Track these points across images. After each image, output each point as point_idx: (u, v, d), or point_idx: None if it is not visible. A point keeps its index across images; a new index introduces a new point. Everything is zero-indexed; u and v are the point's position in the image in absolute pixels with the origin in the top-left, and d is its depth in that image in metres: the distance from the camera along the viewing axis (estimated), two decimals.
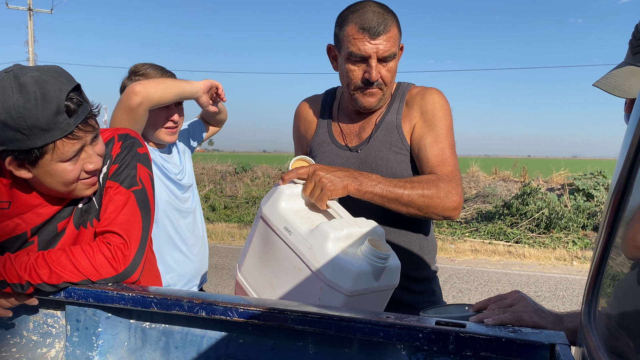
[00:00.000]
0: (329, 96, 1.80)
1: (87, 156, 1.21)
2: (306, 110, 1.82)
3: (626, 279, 0.68)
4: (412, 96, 1.63)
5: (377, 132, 1.62)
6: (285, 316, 1.02)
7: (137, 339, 1.21)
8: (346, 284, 1.14)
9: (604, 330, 0.72)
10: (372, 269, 1.17)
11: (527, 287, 6.21)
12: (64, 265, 1.17)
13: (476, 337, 0.91)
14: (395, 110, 1.63)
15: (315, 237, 1.20)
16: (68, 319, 1.24)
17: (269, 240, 1.30)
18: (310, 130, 1.77)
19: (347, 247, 1.21)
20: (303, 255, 1.21)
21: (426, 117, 1.57)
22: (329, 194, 1.31)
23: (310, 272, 1.19)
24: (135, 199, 1.28)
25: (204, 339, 1.15)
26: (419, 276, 1.62)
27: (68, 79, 1.15)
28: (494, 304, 1.05)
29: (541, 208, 9.28)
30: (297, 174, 1.35)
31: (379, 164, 1.57)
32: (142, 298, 1.14)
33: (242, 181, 12.66)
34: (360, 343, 1.02)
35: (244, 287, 1.39)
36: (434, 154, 1.52)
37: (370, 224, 1.29)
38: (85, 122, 1.16)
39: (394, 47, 1.50)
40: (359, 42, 1.47)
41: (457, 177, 1.49)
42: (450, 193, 1.43)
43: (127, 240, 1.22)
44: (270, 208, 1.31)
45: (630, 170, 0.71)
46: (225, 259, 7.47)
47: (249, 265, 1.38)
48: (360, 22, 1.47)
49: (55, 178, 1.18)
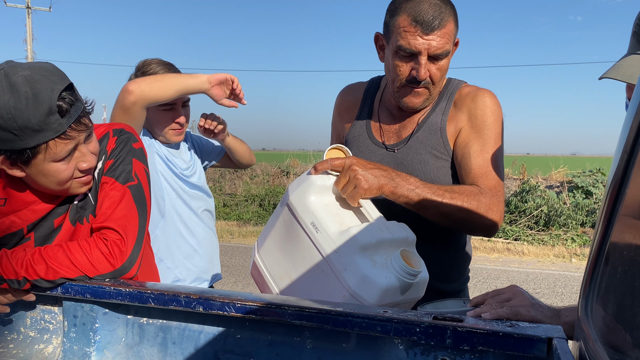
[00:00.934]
0: (373, 86, 1.67)
1: (80, 155, 1.20)
2: (347, 99, 1.70)
3: (623, 273, 0.68)
4: (461, 96, 1.49)
5: (419, 133, 1.50)
6: (282, 311, 1.02)
7: (134, 334, 1.21)
8: (371, 298, 1.09)
9: (601, 323, 0.72)
10: (400, 284, 1.11)
11: (525, 284, 6.21)
12: (60, 261, 1.16)
13: (473, 332, 0.91)
14: (442, 111, 1.50)
15: (343, 241, 1.14)
16: (65, 314, 1.24)
17: (293, 231, 1.24)
18: (348, 120, 1.66)
19: (377, 256, 1.14)
20: (329, 258, 1.15)
21: (475, 122, 1.44)
22: (362, 192, 1.22)
23: (335, 277, 1.14)
24: (131, 194, 1.28)
25: (201, 335, 1.15)
26: (446, 289, 1.51)
27: (60, 77, 1.13)
28: (492, 299, 1.05)
29: (540, 205, 9.28)
30: (331, 165, 1.26)
31: (415, 167, 1.46)
32: (140, 293, 1.13)
33: (242, 179, 12.66)
34: (358, 338, 1.02)
35: (260, 270, 1.34)
36: (478, 164, 1.40)
37: (403, 230, 1.23)
38: (78, 122, 1.14)
39: (448, 44, 1.38)
40: (410, 36, 1.34)
41: (501, 193, 1.38)
42: (490, 210, 1.33)
43: (123, 236, 1.22)
44: (298, 198, 1.23)
45: (627, 164, 0.70)
46: (225, 257, 7.46)
47: (268, 248, 1.33)
48: (413, 14, 1.34)
49: (48, 177, 1.17)
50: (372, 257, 1.13)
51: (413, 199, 1.28)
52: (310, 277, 1.20)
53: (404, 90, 1.44)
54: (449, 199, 1.29)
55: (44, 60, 1.23)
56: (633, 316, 0.62)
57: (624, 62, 1.23)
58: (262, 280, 1.34)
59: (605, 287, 0.72)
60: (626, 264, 0.66)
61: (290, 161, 13.09)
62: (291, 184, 1.29)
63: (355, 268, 1.11)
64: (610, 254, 0.73)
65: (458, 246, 1.55)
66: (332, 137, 1.76)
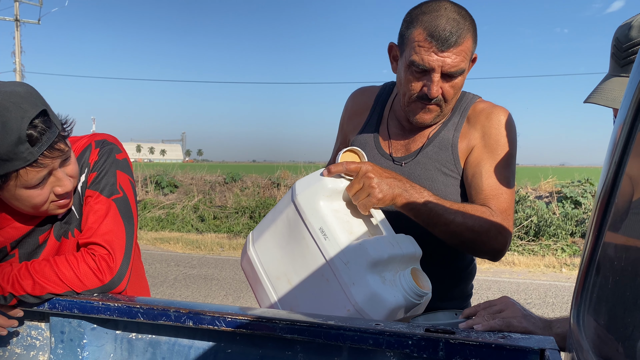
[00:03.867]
0: (385, 92, 1.60)
1: (56, 180, 1.16)
2: (358, 102, 1.64)
3: (614, 283, 0.68)
4: (475, 113, 1.44)
5: (428, 148, 1.44)
6: (273, 325, 1.01)
7: (123, 350, 1.19)
8: (377, 316, 1.08)
9: (593, 334, 0.72)
10: (406, 303, 1.09)
11: (516, 294, 6.22)
12: (47, 276, 1.15)
13: (466, 344, 0.90)
14: (454, 126, 1.44)
15: (354, 254, 1.11)
16: (52, 330, 1.22)
17: (298, 233, 1.19)
18: (356, 125, 1.60)
19: (386, 272, 1.12)
20: (336, 268, 1.12)
21: (488, 141, 1.39)
22: (375, 202, 1.18)
23: (340, 289, 1.11)
24: (116, 208, 1.25)
25: (191, 349, 1.13)
26: (448, 306, 1.44)
27: (32, 104, 1.07)
28: (484, 310, 1.05)
29: (530, 216, 9.33)
30: (346, 169, 1.20)
31: (423, 184, 1.39)
32: (128, 308, 1.12)
33: (232, 191, 12.61)
34: (350, 351, 1.01)
35: (253, 264, 1.29)
36: (489, 185, 1.35)
37: (411, 244, 1.21)
38: (51, 148, 1.10)
39: (464, 62, 1.31)
40: (424, 51, 1.29)
41: (511, 216, 1.34)
42: (500, 234, 1.29)
43: (111, 251, 1.20)
44: (307, 199, 1.18)
45: (616, 174, 0.71)
46: (215, 270, 7.41)
47: (266, 244, 1.28)
48: (430, 28, 1.28)
49: (22, 202, 1.14)
50: (382, 274, 1.11)
51: (424, 214, 1.24)
52: (312, 284, 1.17)
53: (415, 106, 1.39)
54: (461, 218, 1.25)
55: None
56: (624, 327, 0.62)
57: (605, 86, 1.24)
58: (255, 275, 1.29)
59: (597, 298, 0.72)
60: (617, 274, 0.66)
61: (281, 173, 13.07)
62: (300, 181, 1.24)
63: (364, 284, 1.08)
64: (601, 264, 0.73)
65: (462, 265, 1.51)
66: (338, 137, 1.71)
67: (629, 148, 0.70)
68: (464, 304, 1.52)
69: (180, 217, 11.58)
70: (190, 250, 9.02)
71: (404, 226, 1.28)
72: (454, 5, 1.33)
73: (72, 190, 1.22)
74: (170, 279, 6.82)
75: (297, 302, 1.21)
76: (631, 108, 0.69)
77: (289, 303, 1.22)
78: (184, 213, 11.70)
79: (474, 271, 1.56)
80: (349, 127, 1.64)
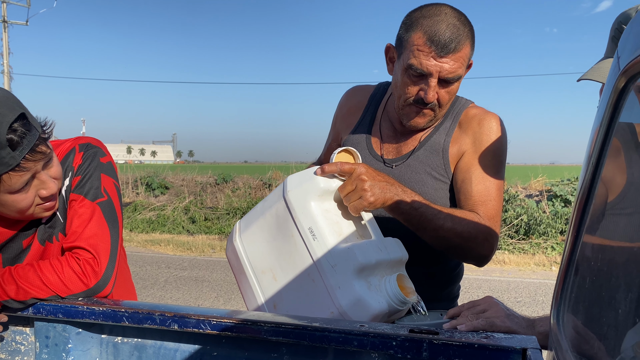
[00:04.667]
0: (379, 92, 1.60)
1: (40, 183, 1.15)
2: (352, 100, 1.63)
3: (591, 283, 0.69)
4: (467, 118, 1.45)
5: (420, 151, 1.45)
6: (258, 327, 1.01)
7: (108, 354, 1.18)
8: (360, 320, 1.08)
9: (572, 333, 0.73)
10: (390, 309, 1.10)
11: (507, 292, 6.26)
12: (31, 281, 1.14)
13: (449, 344, 0.91)
14: (445, 131, 1.45)
15: (342, 257, 1.10)
16: (37, 335, 1.21)
17: (286, 230, 1.19)
18: (349, 124, 1.60)
19: (372, 277, 1.12)
20: (323, 270, 1.12)
21: (479, 147, 1.40)
22: (366, 205, 1.18)
23: (325, 291, 1.11)
24: (101, 211, 1.25)
25: (177, 353, 1.13)
26: (435, 308, 1.44)
27: (10, 108, 1.06)
28: (467, 310, 1.05)
29: (520, 214, 9.39)
30: (340, 170, 1.20)
31: (413, 187, 1.40)
32: (113, 312, 1.11)
33: (223, 192, 12.58)
34: (335, 353, 1.02)
35: (239, 255, 1.28)
36: (478, 191, 1.36)
37: (398, 249, 1.21)
38: (33, 152, 1.09)
39: (461, 68, 1.32)
40: (423, 55, 1.29)
41: (498, 223, 1.36)
42: (487, 241, 1.30)
43: (95, 255, 1.19)
44: (298, 197, 1.18)
45: (594, 175, 0.72)
46: (206, 272, 7.39)
47: (252, 237, 1.27)
48: (429, 33, 1.28)
49: (7, 207, 1.14)
50: (368, 278, 1.11)
51: (415, 219, 1.25)
52: (297, 283, 1.17)
53: (409, 109, 1.39)
54: (450, 224, 1.26)
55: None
56: (601, 326, 0.63)
57: (602, 65, 1.24)
58: (240, 266, 1.29)
59: (575, 297, 0.73)
60: (594, 274, 0.67)
61: (273, 173, 13.06)
62: (291, 177, 1.23)
63: (350, 288, 1.09)
64: (580, 265, 0.74)
65: (449, 267, 1.52)
66: (330, 134, 1.71)
67: (605, 150, 0.71)
68: (451, 305, 1.53)
69: (171, 218, 11.53)
70: (181, 252, 8.99)
71: (392, 229, 1.28)
72: (454, 10, 1.33)
73: (57, 193, 1.22)
74: (161, 281, 6.80)
75: (281, 299, 1.21)
76: (607, 111, 0.70)
77: (273, 299, 1.22)
78: (175, 215, 11.65)
79: (461, 273, 1.57)
80: (341, 125, 1.64)
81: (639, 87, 0.67)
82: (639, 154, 0.72)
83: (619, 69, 0.67)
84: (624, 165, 0.72)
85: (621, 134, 0.71)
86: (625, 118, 0.69)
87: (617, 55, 0.70)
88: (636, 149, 0.72)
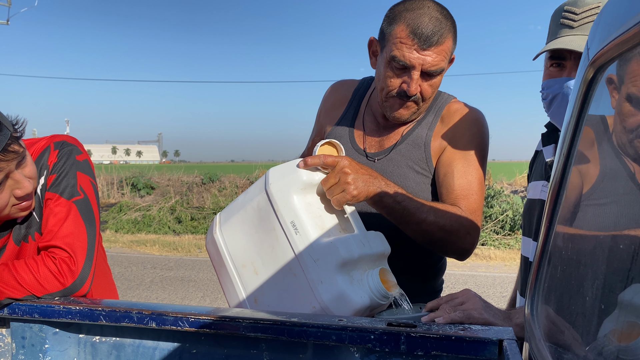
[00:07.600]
0: (363, 87, 1.60)
1: (14, 182, 1.14)
2: (336, 95, 1.64)
3: (562, 272, 0.70)
4: (450, 113, 1.46)
5: (402, 145, 1.45)
6: (237, 324, 1.01)
7: (86, 354, 1.17)
8: (342, 314, 1.08)
9: (545, 323, 0.73)
10: (372, 303, 1.09)
11: (493, 288, 6.31)
12: (6, 281, 1.12)
13: (427, 337, 0.91)
14: (428, 125, 1.46)
15: (324, 252, 1.10)
16: (13, 336, 1.19)
17: (268, 223, 1.17)
18: (332, 118, 1.60)
19: (354, 271, 1.11)
20: (305, 265, 1.11)
21: (461, 141, 1.41)
22: (349, 198, 1.17)
23: (307, 286, 1.11)
24: (77, 210, 1.23)
25: (156, 351, 1.12)
26: (418, 302, 1.45)
27: None
28: (446, 304, 1.06)
29: (505, 210, 9.47)
30: (323, 162, 1.18)
31: (395, 181, 1.39)
32: (90, 311, 1.10)
33: (209, 192, 12.52)
34: (314, 347, 1.02)
35: (219, 248, 1.27)
36: (460, 185, 1.37)
37: (380, 243, 1.20)
38: (5, 151, 1.08)
39: (444, 61, 1.33)
40: (406, 48, 1.30)
41: (479, 217, 1.37)
42: (469, 235, 1.31)
43: (72, 254, 1.18)
44: (280, 190, 1.16)
45: (564, 166, 0.72)
46: (192, 272, 7.35)
47: (233, 229, 1.25)
48: (412, 26, 1.29)
49: None
50: (350, 273, 1.11)
51: (397, 212, 1.25)
52: (278, 277, 1.16)
53: (392, 102, 1.40)
54: (433, 217, 1.26)
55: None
56: (570, 314, 0.64)
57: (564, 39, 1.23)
58: (220, 259, 1.27)
59: (548, 287, 0.74)
60: (564, 264, 0.68)
61: (259, 172, 13.04)
62: (274, 169, 1.22)
63: (332, 283, 1.08)
64: (552, 255, 0.74)
65: (432, 261, 1.52)
66: (315, 128, 1.71)
67: (575, 141, 0.71)
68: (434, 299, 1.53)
69: (156, 219, 11.45)
70: (167, 252, 8.93)
71: (375, 222, 1.28)
72: (437, 4, 1.34)
73: (33, 192, 1.20)
74: (146, 281, 6.75)
75: (262, 293, 1.20)
76: (577, 103, 0.71)
77: (254, 294, 1.21)
78: (161, 215, 11.57)
79: (444, 267, 1.58)
80: (325, 119, 1.64)
81: (610, 79, 0.68)
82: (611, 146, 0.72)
83: (588, 59, 0.68)
84: (597, 157, 0.73)
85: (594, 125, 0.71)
86: (595, 109, 0.69)
87: (587, 47, 0.71)
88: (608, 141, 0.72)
